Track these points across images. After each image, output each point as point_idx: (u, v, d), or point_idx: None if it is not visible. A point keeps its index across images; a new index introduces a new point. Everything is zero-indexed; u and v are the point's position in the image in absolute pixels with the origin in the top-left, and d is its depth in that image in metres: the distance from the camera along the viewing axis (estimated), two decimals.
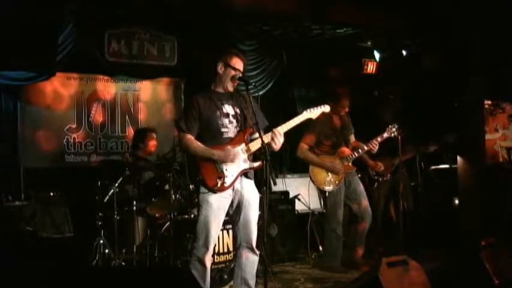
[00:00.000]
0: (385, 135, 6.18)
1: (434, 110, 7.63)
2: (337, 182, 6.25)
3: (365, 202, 6.41)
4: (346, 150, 6.31)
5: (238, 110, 4.63)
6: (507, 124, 7.18)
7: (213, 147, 4.49)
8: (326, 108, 4.81)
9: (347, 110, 6.39)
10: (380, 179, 7.05)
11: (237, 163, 4.51)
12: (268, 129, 4.54)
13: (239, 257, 4.65)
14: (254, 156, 4.62)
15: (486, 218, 6.72)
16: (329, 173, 6.25)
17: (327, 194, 6.35)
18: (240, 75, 4.58)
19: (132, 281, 3.58)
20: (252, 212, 4.61)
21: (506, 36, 6.80)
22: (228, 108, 4.60)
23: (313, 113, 4.75)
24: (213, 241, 4.53)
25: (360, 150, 6.24)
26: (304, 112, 4.72)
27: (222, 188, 4.47)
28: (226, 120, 4.57)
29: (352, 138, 6.47)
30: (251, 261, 4.63)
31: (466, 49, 7.13)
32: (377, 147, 6.15)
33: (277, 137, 4.44)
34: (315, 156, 6.27)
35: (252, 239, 4.60)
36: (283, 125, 4.56)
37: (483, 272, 4.86)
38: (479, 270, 4.88)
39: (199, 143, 4.50)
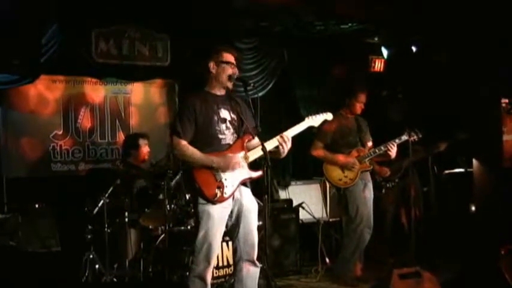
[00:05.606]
0: (404, 137, 6.08)
1: (447, 109, 7.53)
2: (351, 178, 6.18)
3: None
4: (362, 150, 6.26)
5: (234, 116, 4.60)
6: None
7: (211, 154, 4.38)
8: (328, 116, 4.84)
9: (363, 106, 6.35)
10: (387, 185, 6.99)
11: (237, 172, 4.45)
12: (266, 134, 4.53)
13: (239, 271, 4.56)
14: (255, 163, 4.53)
15: (505, 224, 6.55)
16: (344, 170, 6.19)
17: (341, 191, 6.28)
18: (237, 72, 4.55)
19: None
20: (253, 222, 4.57)
21: None
22: (224, 113, 4.56)
23: (315, 120, 4.77)
24: (214, 255, 4.49)
25: (376, 151, 6.15)
26: (306, 119, 4.75)
27: (222, 199, 4.38)
28: (223, 126, 4.53)
29: (370, 143, 6.38)
30: (252, 274, 4.58)
31: (480, 44, 6.94)
32: (395, 149, 6.06)
33: (286, 142, 4.44)
34: (329, 153, 6.24)
35: (254, 251, 4.56)
36: (289, 130, 4.57)
37: (502, 282, 4.81)
38: (498, 281, 4.83)
39: (196, 150, 4.40)
